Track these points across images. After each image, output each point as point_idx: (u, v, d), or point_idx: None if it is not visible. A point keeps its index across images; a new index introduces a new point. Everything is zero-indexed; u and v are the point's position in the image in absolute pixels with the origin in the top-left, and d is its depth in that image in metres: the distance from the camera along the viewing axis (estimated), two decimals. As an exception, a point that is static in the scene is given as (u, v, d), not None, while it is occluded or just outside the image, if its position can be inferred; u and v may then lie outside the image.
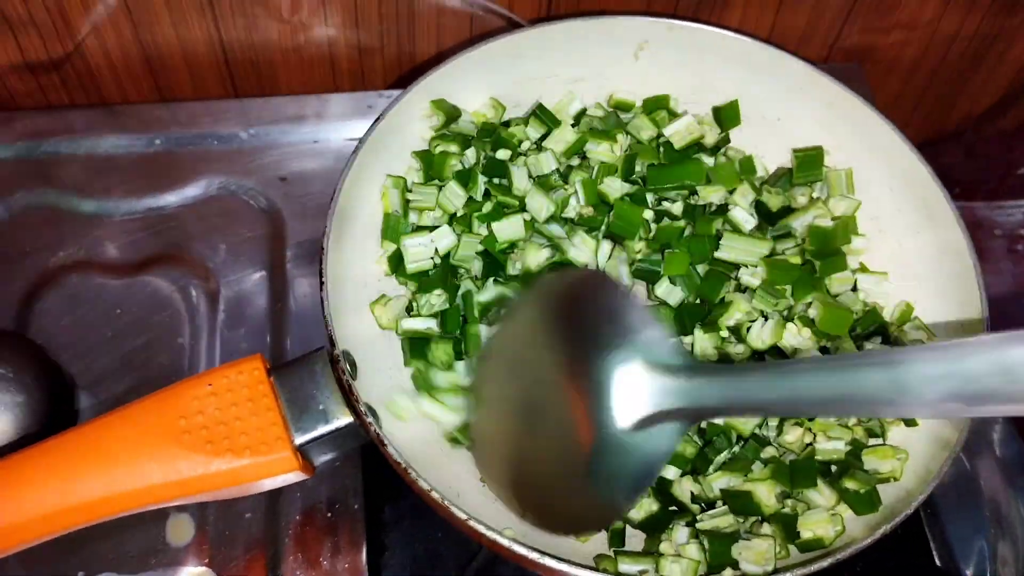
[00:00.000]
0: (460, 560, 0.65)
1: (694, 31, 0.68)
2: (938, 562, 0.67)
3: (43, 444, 0.51)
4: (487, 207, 0.66)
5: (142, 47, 0.78)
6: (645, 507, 0.59)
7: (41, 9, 0.73)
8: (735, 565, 0.55)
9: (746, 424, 0.60)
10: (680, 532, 0.58)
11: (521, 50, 0.68)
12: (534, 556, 0.50)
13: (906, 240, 0.66)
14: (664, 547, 0.58)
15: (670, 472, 0.60)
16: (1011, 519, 0.68)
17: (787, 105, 0.69)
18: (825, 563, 0.52)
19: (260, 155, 0.79)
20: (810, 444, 0.60)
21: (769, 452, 0.60)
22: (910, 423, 0.61)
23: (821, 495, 0.58)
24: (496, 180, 0.67)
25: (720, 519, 0.58)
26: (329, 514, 0.66)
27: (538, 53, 0.69)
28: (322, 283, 0.56)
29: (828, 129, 0.69)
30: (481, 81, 0.69)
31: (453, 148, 0.67)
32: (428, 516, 0.67)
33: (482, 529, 0.51)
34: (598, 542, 0.60)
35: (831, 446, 0.59)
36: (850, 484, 0.58)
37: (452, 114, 0.68)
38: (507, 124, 0.70)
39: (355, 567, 0.64)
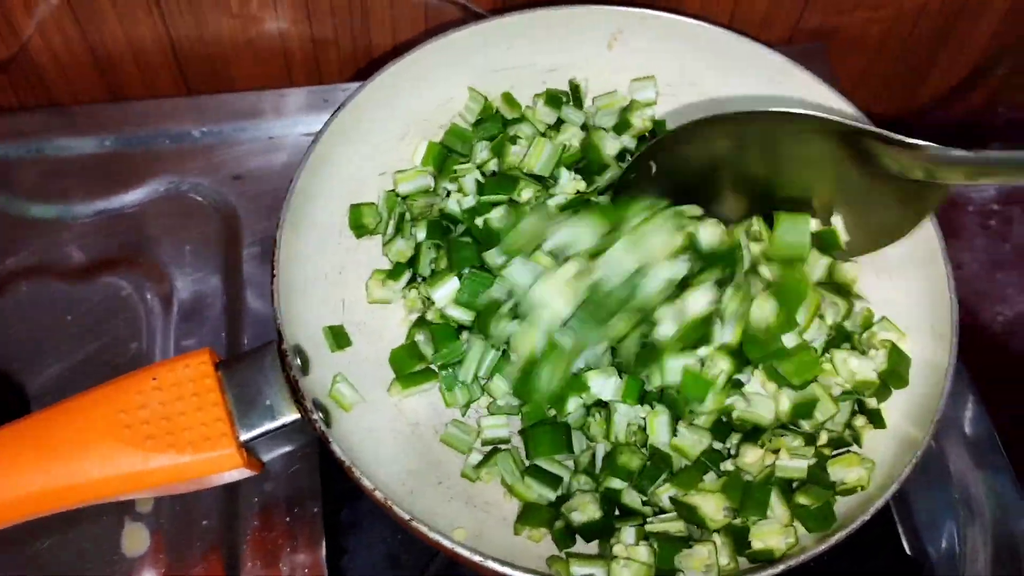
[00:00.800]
0: (419, 562, 0.63)
1: (668, 21, 0.67)
2: (907, 547, 0.65)
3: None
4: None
5: (89, 46, 0.76)
6: (588, 512, 0.57)
7: (-18, 9, 0.71)
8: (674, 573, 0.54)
9: (693, 448, 0.58)
10: (628, 533, 0.56)
11: (489, 40, 0.67)
12: (477, 559, 0.49)
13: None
14: (617, 549, 0.56)
15: (616, 482, 0.58)
16: (980, 501, 0.66)
17: (765, 96, 0.68)
18: (777, 569, 0.50)
19: (214, 153, 0.78)
20: (770, 465, 0.58)
21: (726, 465, 0.58)
22: (878, 424, 0.60)
23: (773, 512, 0.56)
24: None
25: (671, 524, 0.56)
26: (287, 518, 0.64)
27: (507, 43, 0.67)
28: (273, 275, 0.55)
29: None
30: (449, 72, 0.67)
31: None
32: (387, 517, 0.65)
33: (424, 530, 0.49)
34: (549, 544, 0.58)
35: (793, 464, 0.57)
36: (803, 499, 0.55)
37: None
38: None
39: (315, 570, 0.62)
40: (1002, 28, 0.84)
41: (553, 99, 0.69)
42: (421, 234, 0.65)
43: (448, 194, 0.67)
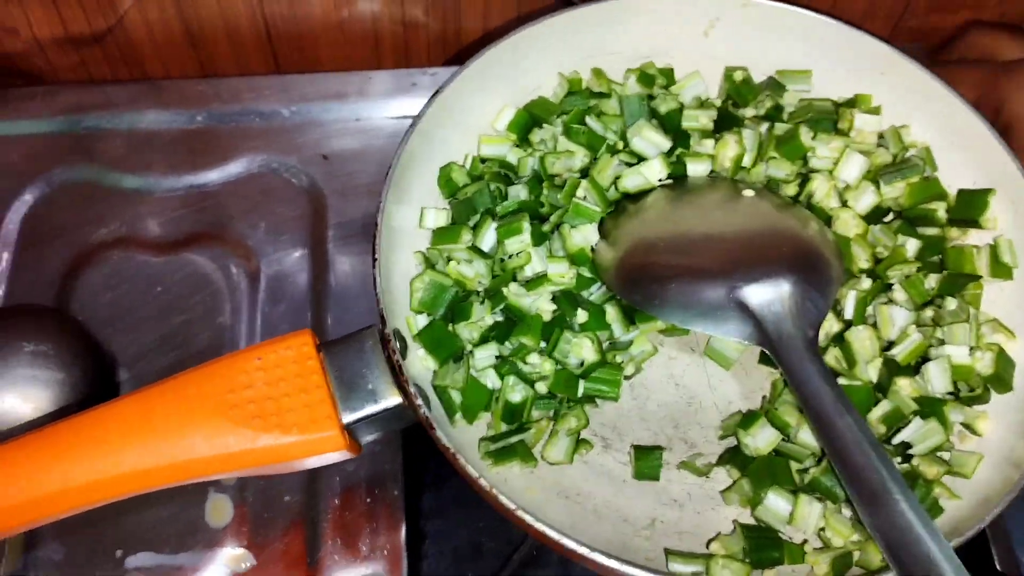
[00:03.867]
0: (502, 552, 0.63)
1: (770, 9, 0.65)
2: (997, 563, 0.64)
3: (88, 413, 0.49)
4: None
5: (184, 21, 0.77)
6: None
7: (84, -20, 0.72)
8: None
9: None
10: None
11: (584, 26, 0.66)
12: (583, 551, 0.48)
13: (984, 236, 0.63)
14: (714, 547, 0.55)
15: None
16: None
17: (865, 90, 0.66)
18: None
19: (302, 132, 0.78)
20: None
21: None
22: (975, 431, 0.58)
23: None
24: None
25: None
26: (368, 499, 0.64)
27: (602, 30, 0.66)
28: (375, 259, 0.55)
29: (906, 117, 0.65)
30: (543, 57, 0.66)
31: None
32: (470, 506, 0.65)
33: (530, 520, 0.49)
34: (651, 540, 0.57)
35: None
36: None
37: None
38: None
39: (394, 554, 0.62)
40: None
41: (645, 78, 0.68)
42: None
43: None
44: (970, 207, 0.62)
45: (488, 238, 0.60)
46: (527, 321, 0.58)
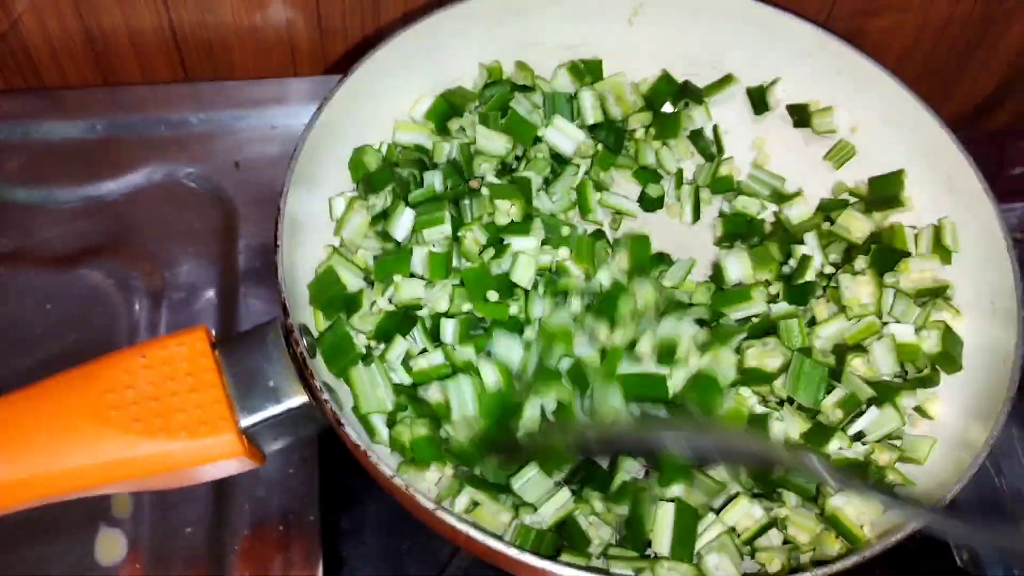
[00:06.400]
0: (429, 573, 0.58)
1: None
2: (958, 560, 0.61)
3: (-60, 421, 0.43)
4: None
5: (84, 27, 0.72)
6: None
7: (-28, -18, 0.67)
8: None
9: None
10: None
11: (505, 13, 0.63)
12: (513, 552, 0.43)
13: (927, 216, 0.61)
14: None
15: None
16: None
17: (792, 71, 0.65)
18: (831, 569, 0.46)
19: (212, 141, 0.73)
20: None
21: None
22: (926, 415, 0.55)
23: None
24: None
25: None
26: (281, 526, 0.59)
27: (524, 17, 0.64)
28: (277, 246, 0.50)
29: (832, 95, 0.64)
30: (460, 45, 0.63)
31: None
32: (391, 525, 0.60)
33: (452, 521, 0.44)
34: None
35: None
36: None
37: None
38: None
39: (312, 584, 0.56)
40: (1030, 41, 0.82)
41: (575, 70, 0.65)
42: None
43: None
44: (886, 187, 0.61)
45: (402, 225, 0.56)
46: None
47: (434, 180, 0.59)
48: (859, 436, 0.54)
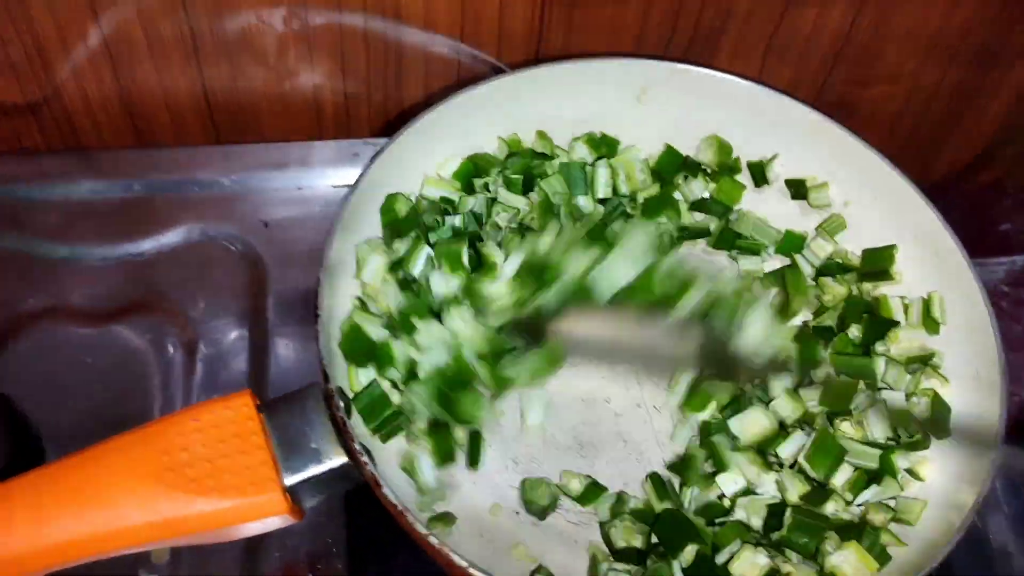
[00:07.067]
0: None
1: (698, 76, 0.68)
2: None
3: (10, 482, 0.47)
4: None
5: (122, 91, 0.76)
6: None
7: (19, 49, 0.71)
8: None
9: None
10: None
11: (519, 91, 0.68)
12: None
13: (916, 288, 0.65)
14: None
15: None
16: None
17: (789, 148, 0.69)
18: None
19: (242, 202, 0.77)
20: None
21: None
22: (917, 477, 0.59)
23: None
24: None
25: None
26: (310, 574, 0.62)
27: (537, 95, 0.68)
28: (317, 315, 0.54)
29: (828, 172, 0.69)
30: (485, 118, 0.68)
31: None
32: None
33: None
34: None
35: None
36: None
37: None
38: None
39: (340, 633, 0.60)
40: (1015, 107, 0.87)
41: (592, 141, 0.70)
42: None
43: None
44: (877, 261, 0.66)
45: (420, 262, 0.61)
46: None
47: (455, 222, 0.64)
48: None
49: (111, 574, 0.59)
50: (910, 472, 0.58)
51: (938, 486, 0.58)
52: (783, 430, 0.60)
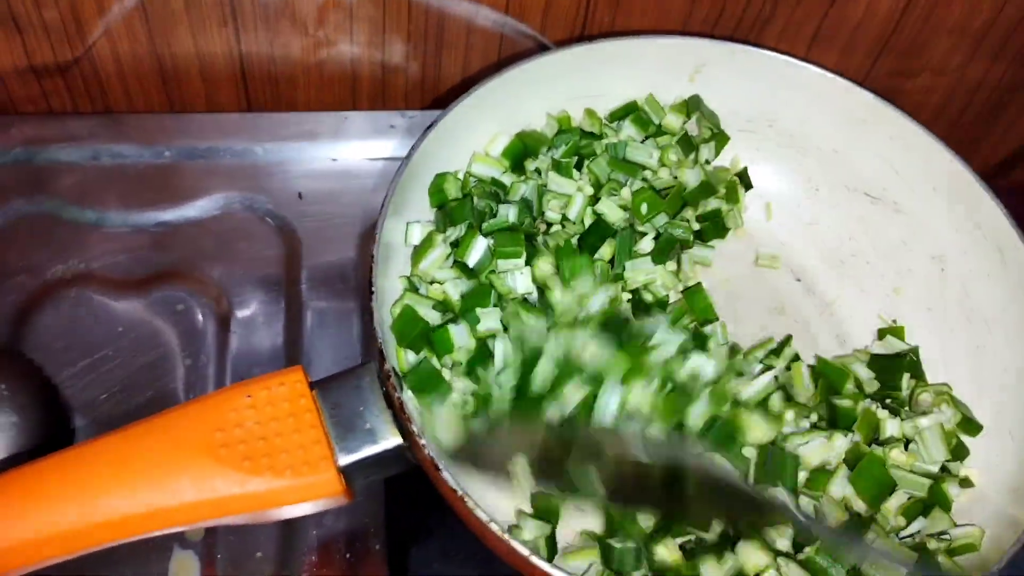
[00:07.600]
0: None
1: (756, 56, 0.67)
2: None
3: (61, 455, 0.45)
4: None
5: (156, 55, 0.74)
6: None
7: (52, 8, 0.69)
8: None
9: None
10: None
11: (569, 69, 0.66)
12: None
13: (973, 283, 0.65)
14: None
15: None
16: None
17: (847, 136, 0.68)
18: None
19: (276, 171, 0.76)
20: None
21: None
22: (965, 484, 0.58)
23: None
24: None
25: None
26: (348, 555, 0.61)
27: (587, 72, 0.67)
28: (371, 292, 0.52)
29: (889, 162, 0.68)
30: (532, 94, 0.66)
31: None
32: (459, 559, 0.62)
33: (547, 568, 0.46)
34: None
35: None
36: None
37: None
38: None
39: (377, 614, 0.59)
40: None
41: (639, 120, 0.69)
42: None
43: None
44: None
45: (475, 253, 0.59)
46: None
47: (508, 213, 0.62)
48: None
49: (147, 545, 0.59)
50: (961, 481, 0.58)
51: (991, 494, 0.57)
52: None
